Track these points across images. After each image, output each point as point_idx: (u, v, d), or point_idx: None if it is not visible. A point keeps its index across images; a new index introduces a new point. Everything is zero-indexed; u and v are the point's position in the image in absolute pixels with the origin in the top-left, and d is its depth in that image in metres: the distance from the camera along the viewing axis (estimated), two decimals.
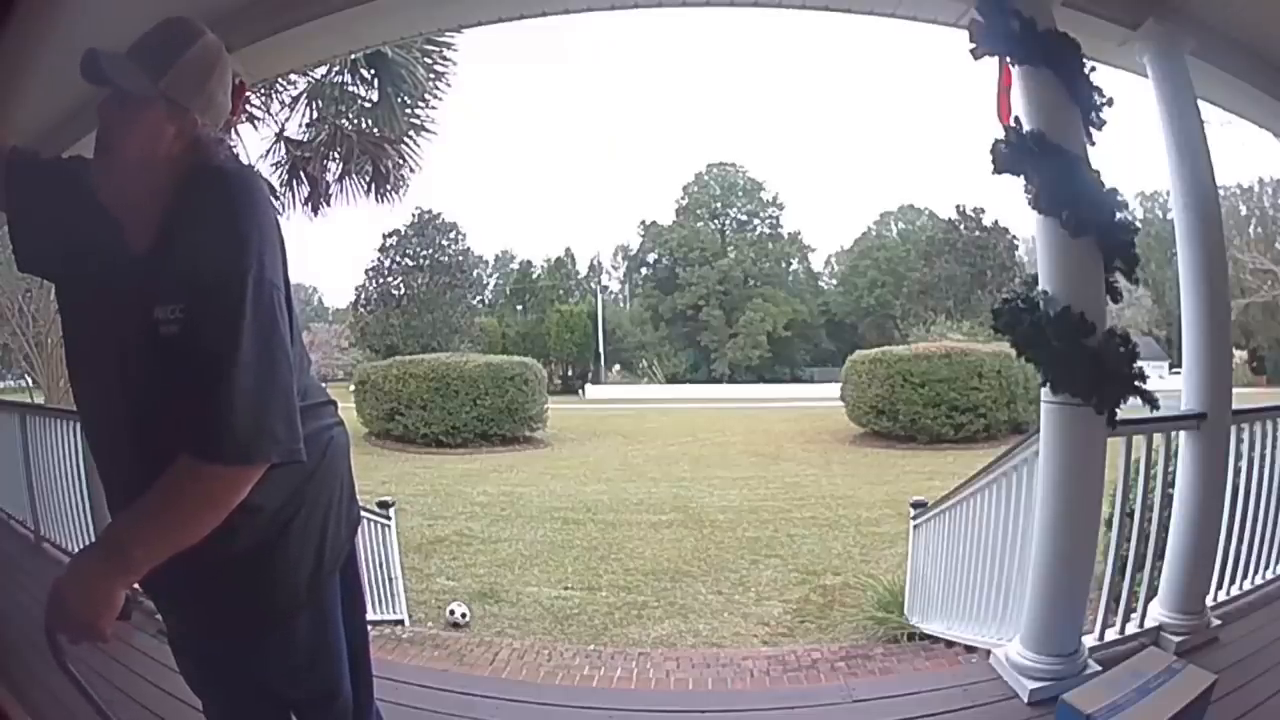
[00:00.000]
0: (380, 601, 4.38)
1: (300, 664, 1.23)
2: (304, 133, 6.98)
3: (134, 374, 1.05)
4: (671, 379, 35.27)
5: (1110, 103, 2.13)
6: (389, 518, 4.48)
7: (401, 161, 7.30)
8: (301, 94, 6.77)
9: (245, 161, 1.25)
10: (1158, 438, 2.49)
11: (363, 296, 35.27)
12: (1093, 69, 2.15)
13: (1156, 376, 2.32)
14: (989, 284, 32.59)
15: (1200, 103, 2.49)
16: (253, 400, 0.99)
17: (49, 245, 1.15)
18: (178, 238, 1.03)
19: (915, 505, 4.29)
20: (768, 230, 40.03)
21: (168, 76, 1.06)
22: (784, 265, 40.09)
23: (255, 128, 6.68)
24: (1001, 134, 2.13)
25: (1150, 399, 2.14)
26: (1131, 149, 3.77)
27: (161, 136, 1.06)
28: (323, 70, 6.45)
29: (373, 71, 6.61)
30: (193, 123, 1.08)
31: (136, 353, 1.03)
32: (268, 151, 6.92)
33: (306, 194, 7.10)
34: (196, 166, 1.07)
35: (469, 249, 37.32)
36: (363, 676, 1.40)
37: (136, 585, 1.08)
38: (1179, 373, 2.49)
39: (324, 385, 1.35)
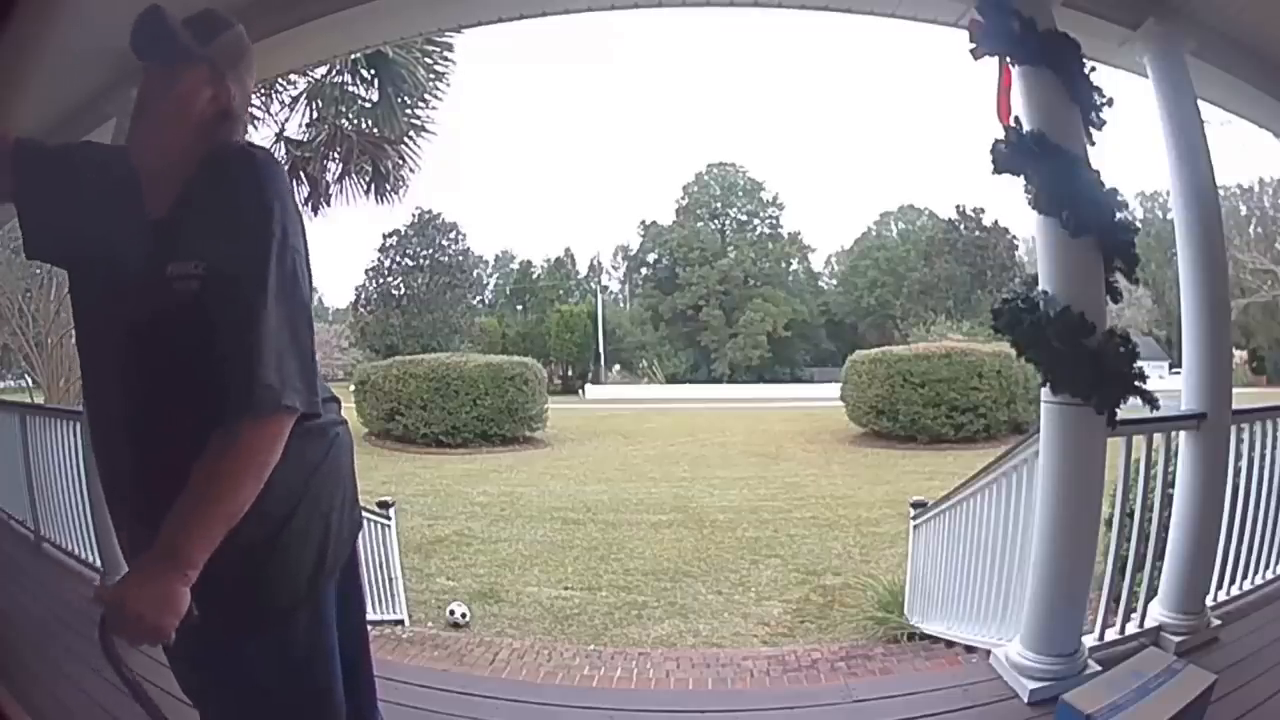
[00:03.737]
0: (380, 601, 4.39)
1: (295, 665, 1.23)
2: (304, 133, 7.00)
3: (148, 342, 1.07)
4: (671, 379, 35.28)
5: (1110, 103, 2.13)
6: (389, 518, 4.48)
7: (401, 161, 7.31)
8: (301, 94, 6.79)
9: None
10: (1158, 438, 2.49)
11: (363, 296, 35.32)
12: (1093, 69, 2.15)
13: (1156, 376, 2.32)
14: (989, 284, 32.64)
15: (1200, 103, 2.49)
16: (277, 354, 1.02)
17: (59, 229, 1.18)
18: (199, 201, 1.08)
19: (915, 505, 4.29)
20: (768, 230, 40.05)
21: (212, 46, 1.15)
22: (784, 265, 40.11)
23: (255, 128, 6.70)
24: (1001, 134, 2.13)
25: (1150, 399, 2.14)
26: (1131, 149, 3.77)
27: (199, 96, 1.13)
28: (323, 70, 6.46)
29: (373, 71, 6.62)
30: (227, 91, 1.16)
31: (151, 318, 1.06)
32: None
33: (306, 194, 7.11)
34: (222, 142, 1.14)
35: (469, 249, 37.42)
36: (364, 680, 1.39)
37: None
38: (1179, 373, 2.49)
39: (326, 384, 1.35)
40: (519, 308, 40.08)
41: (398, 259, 35.39)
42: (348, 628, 1.31)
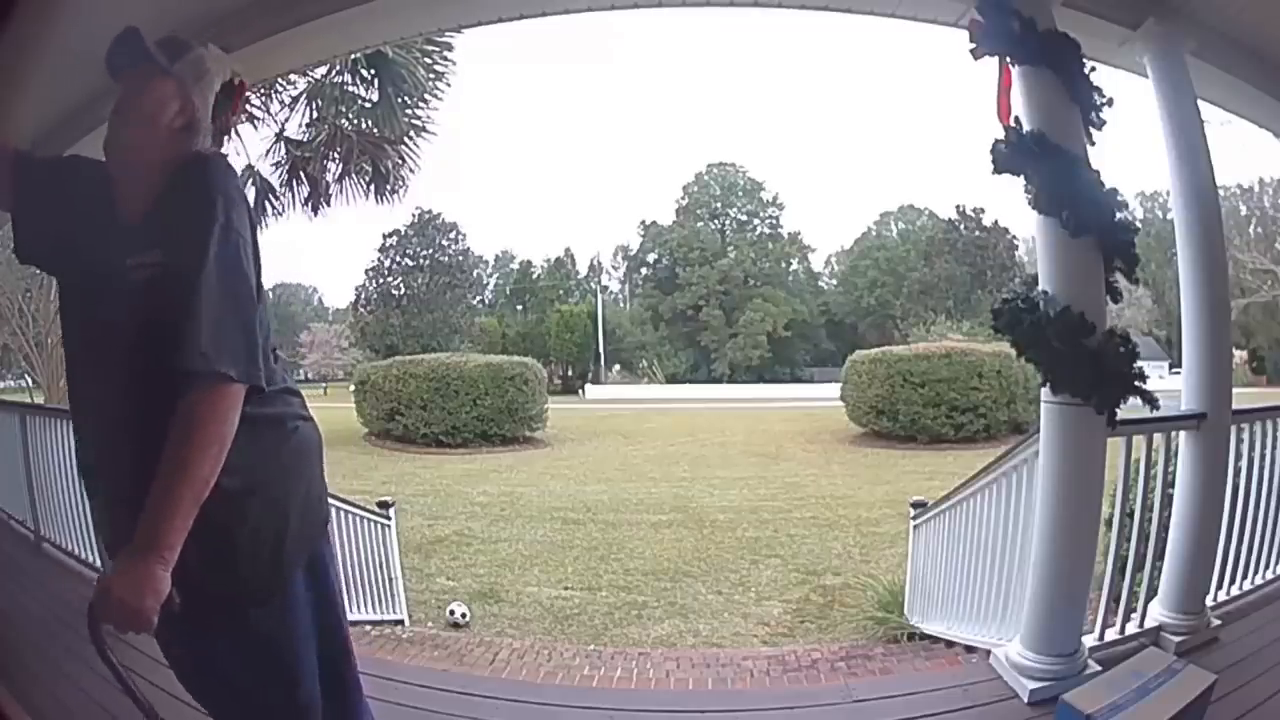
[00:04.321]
0: (380, 601, 4.38)
1: (260, 654, 1.25)
2: (304, 133, 6.98)
3: (124, 341, 1.14)
4: (671, 379, 35.28)
5: (1110, 103, 2.13)
6: (389, 518, 4.47)
7: (401, 161, 7.29)
8: (301, 94, 6.77)
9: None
10: (1158, 438, 2.49)
11: (363, 296, 35.33)
12: (1093, 69, 2.15)
13: (1156, 376, 2.32)
14: (989, 284, 32.64)
15: (1200, 103, 2.49)
16: (215, 322, 1.10)
17: (49, 237, 1.28)
18: (163, 207, 1.19)
19: (915, 505, 4.29)
20: (768, 230, 40.06)
21: (179, 64, 1.26)
22: (784, 265, 40.11)
23: (255, 128, 6.69)
24: (1001, 134, 2.13)
25: (1150, 399, 2.14)
26: (1131, 149, 3.76)
27: (168, 108, 1.24)
28: (323, 70, 6.45)
29: (373, 71, 6.61)
30: (192, 105, 1.26)
31: (122, 315, 1.14)
32: (268, 151, 6.93)
33: (306, 194, 7.10)
34: (185, 152, 1.24)
35: (469, 249, 37.45)
36: (348, 678, 1.40)
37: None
38: (1179, 373, 2.49)
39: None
40: (519, 308, 40.09)
41: (398, 259, 35.39)
42: (324, 627, 1.33)
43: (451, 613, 5.15)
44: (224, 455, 1.08)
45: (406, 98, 6.77)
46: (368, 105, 6.88)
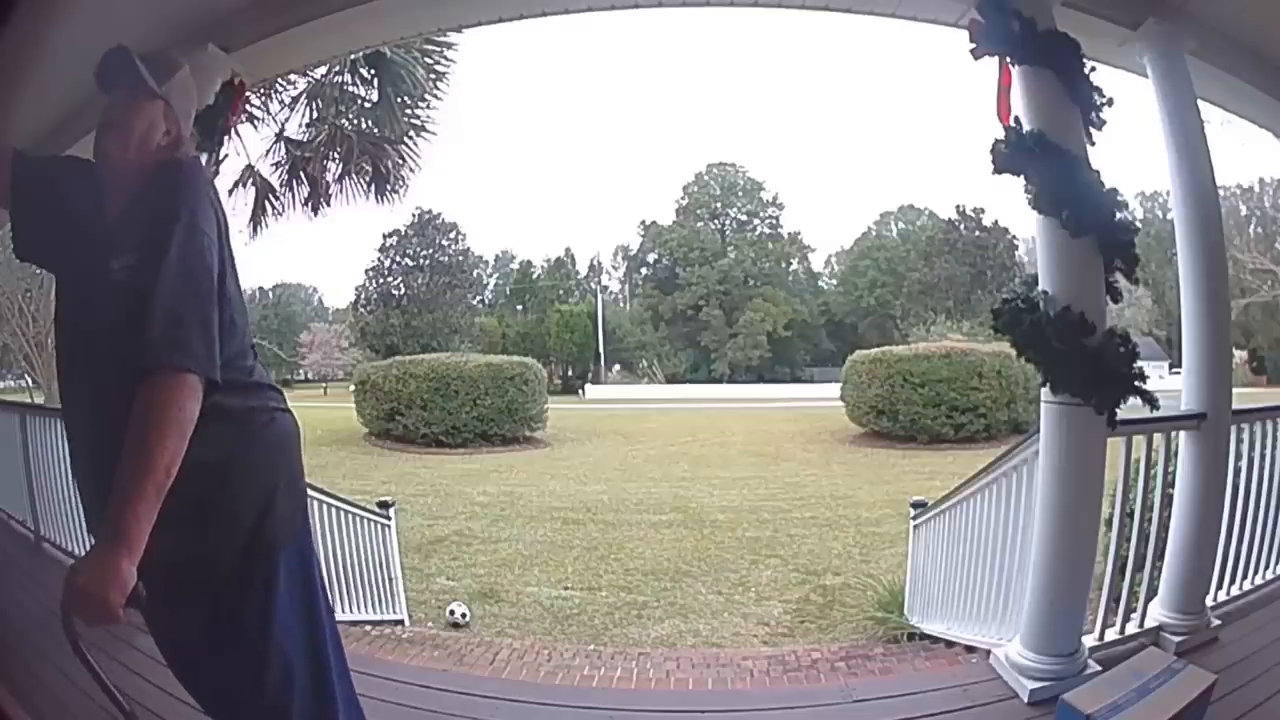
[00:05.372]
0: (380, 601, 4.38)
1: (235, 641, 1.26)
2: (304, 133, 6.98)
3: (105, 330, 1.19)
4: (671, 379, 35.31)
5: (1110, 103, 2.13)
6: (389, 518, 4.47)
7: (401, 161, 7.29)
8: (301, 94, 6.77)
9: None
10: (1158, 438, 2.49)
11: (363, 296, 35.30)
12: (1093, 69, 2.15)
13: (1156, 376, 2.32)
14: (989, 284, 32.65)
15: (1200, 103, 2.49)
16: (172, 315, 1.13)
17: (45, 232, 1.34)
18: (137, 209, 1.25)
19: (915, 505, 4.29)
20: (768, 230, 40.10)
21: (167, 84, 1.33)
22: (784, 265, 40.15)
23: (255, 128, 6.70)
24: (1001, 134, 2.13)
25: (1150, 399, 2.13)
26: (1131, 149, 3.77)
27: (157, 129, 1.32)
28: (323, 70, 6.44)
29: (373, 71, 6.60)
30: (178, 125, 1.34)
31: (104, 311, 1.19)
32: (268, 151, 6.93)
33: (306, 194, 7.09)
34: (165, 159, 1.30)
35: (469, 249, 37.42)
36: (331, 674, 1.40)
37: None
38: (1179, 373, 2.49)
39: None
40: (519, 308, 40.13)
41: (398, 259, 35.37)
42: (307, 622, 1.34)
43: (451, 613, 5.14)
44: (184, 444, 1.09)
45: (406, 98, 6.76)
46: (368, 105, 6.88)
